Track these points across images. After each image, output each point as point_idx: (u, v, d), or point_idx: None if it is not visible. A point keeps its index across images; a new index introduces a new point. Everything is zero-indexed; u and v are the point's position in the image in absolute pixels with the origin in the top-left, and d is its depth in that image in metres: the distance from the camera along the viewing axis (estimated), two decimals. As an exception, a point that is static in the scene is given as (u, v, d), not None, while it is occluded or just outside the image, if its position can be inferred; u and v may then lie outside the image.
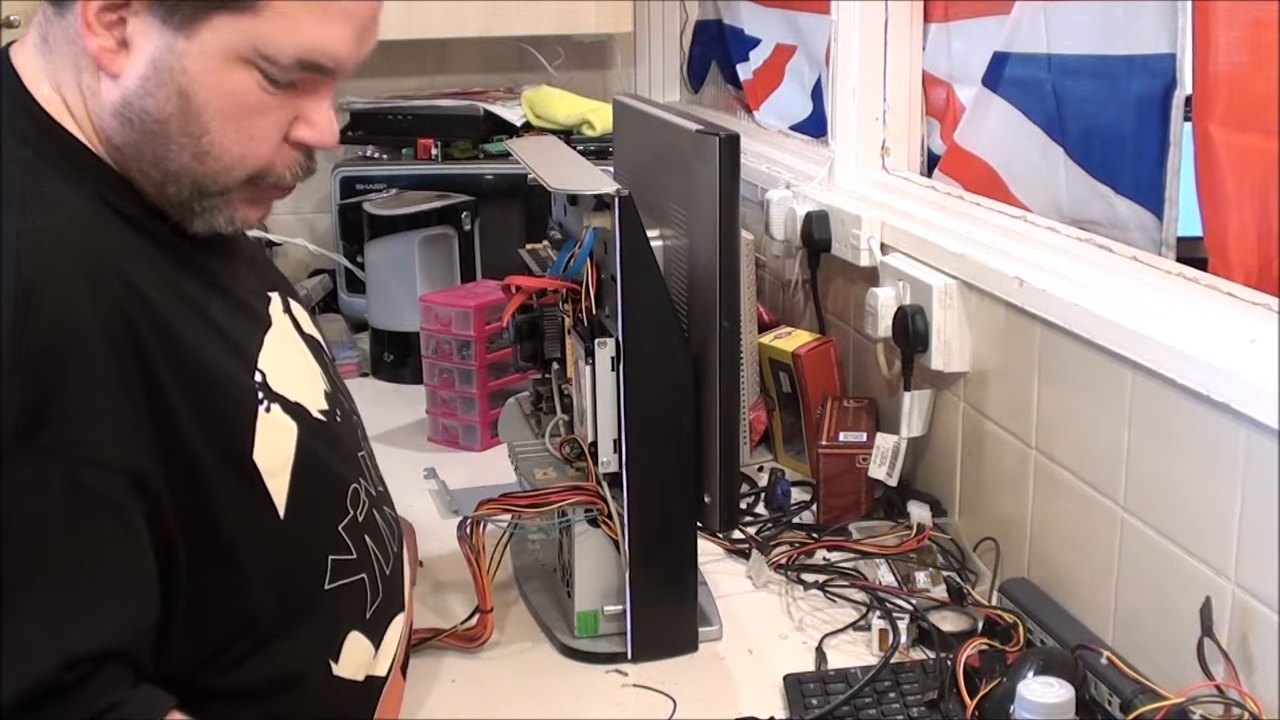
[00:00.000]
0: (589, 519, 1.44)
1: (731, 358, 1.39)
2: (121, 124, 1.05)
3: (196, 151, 1.05)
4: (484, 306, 2.02)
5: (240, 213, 1.12)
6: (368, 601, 1.19)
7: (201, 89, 1.03)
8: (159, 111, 1.04)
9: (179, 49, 1.02)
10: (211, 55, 1.02)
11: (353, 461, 1.22)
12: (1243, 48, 1.37)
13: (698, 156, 1.37)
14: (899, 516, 1.71)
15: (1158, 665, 1.26)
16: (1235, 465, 1.18)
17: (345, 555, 1.16)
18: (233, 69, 1.03)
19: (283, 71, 1.05)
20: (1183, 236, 1.53)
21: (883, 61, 1.97)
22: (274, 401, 1.11)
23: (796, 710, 1.32)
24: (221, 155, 1.06)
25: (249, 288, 1.20)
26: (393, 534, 1.27)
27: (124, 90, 1.04)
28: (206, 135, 1.05)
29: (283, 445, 1.10)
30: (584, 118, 2.65)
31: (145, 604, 1.00)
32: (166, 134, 1.05)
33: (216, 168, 1.07)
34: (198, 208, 1.09)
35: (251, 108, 1.05)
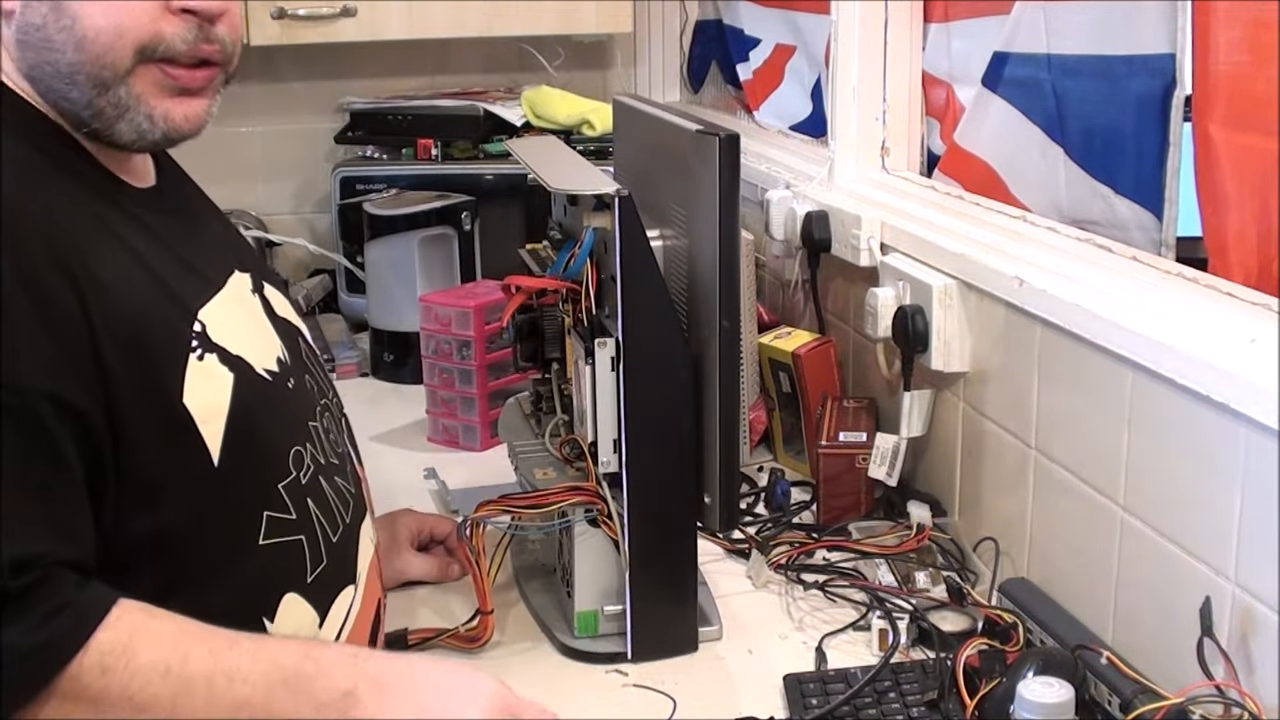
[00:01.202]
0: (589, 519, 1.44)
1: (731, 358, 1.39)
2: (23, 50, 1.11)
3: (76, 41, 1.09)
4: (484, 306, 2.02)
5: (158, 108, 1.14)
6: (307, 565, 1.20)
7: None
8: (37, 18, 1.10)
9: None
10: None
11: (299, 427, 1.24)
12: (1243, 48, 1.37)
13: (698, 156, 1.37)
14: (899, 516, 1.71)
15: (1158, 665, 1.26)
16: (1235, 465, 1.18)
17: (283, 514, 1.18)
18: None
19: None
20: (1183, 236, 1.53)
21: (883, 61, 1.97)
22: (210, 351, 1.14)
23: (796, 710, 1.32)
24: (97, 35, 1.09)
25: (206, 257, 1.23)
26: (346, 506, 1.27)
27: (14, 19, 1.10)
28: (79, 21, 1.09)
29: (216, 393, 1.13)
30: (584, 118, 2.65)
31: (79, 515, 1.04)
32: (49, 38, 1.10)
33: (97, 50, 1.10)
34: (108, 108, 1.11)
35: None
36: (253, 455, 1.16)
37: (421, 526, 1.63)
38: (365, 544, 1.30)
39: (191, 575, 1.11)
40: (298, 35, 2.57)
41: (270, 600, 1.17)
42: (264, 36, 2.55)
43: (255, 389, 1.17)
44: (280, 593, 1.18)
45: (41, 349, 1.01)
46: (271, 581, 1.18)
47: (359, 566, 1.28)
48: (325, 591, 1.22)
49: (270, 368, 1.21)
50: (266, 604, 1.17)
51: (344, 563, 1.26)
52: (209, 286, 1.19)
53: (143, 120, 1.13)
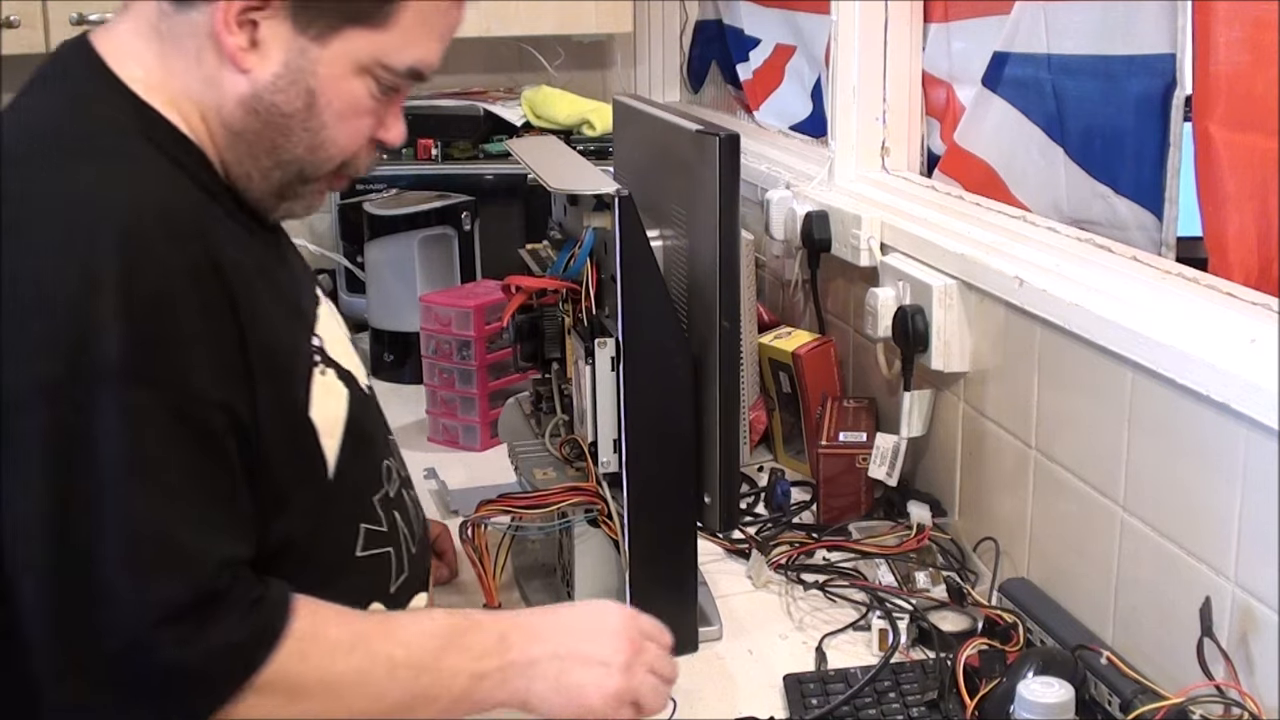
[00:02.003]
0: (589, 519, 1.44)
1: (731, 358, 1.39)
2: (247, 113, 1.14)
3: (312, 144, 1.17)
4: (484, 306, 2.02)
5: (316, 200, 1.24)
6: (393, 575, 1.24)
7: (326, 91, 1.15)
8: (288, 106, 1.14)
9: (312, 55, 1.13)
10: (339, 63, 1.14)
11: (385, 440, 1.31)
12: (1243, 48, 1.37)
13: (698, 156, 1.37)
14: (899, 516, 1.71)
15: (1158, 665, 1.26)
16: (1235, 465, 1.18)
17: (377, 526, 1.23)
18: (354, 76, 1.15)
19: (394, 80, 1.17)
20: (1183, 236, 1.53)
21: (883, 61, 1.97)
22: (329, 366, 1.20)
23: (796, 710, 1.32)
24: (331, 149, 1.18)
25: (302, 272, 1.31)
26: (418, 517, 1.33)
27: (254, 85, 1.13)
28: (324, 130, 1.17)
29: (335, 407, 1.19)
30: (584, 118, 2.65)
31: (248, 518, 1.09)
32: (289, 127, 1.16)
33: (324, 158, 1.19)
34: (290, 193, 1.20)
35: (361, 110, 1.18)
36: (357, 468, 1.21)
37: None
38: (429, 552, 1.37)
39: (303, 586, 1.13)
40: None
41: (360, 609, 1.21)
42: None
43: (360, 403, 1.23)
44: (368, 602, 1.22)
45: (212, 359, 1.05)
46: (363, 592, 1.21)
47: (429, 573, 1.33)
48: (402, 600, 1.26)
49: (365, 381, 1.27)
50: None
51: (419, 571, 1.30)
52: (314, 300, 1.27)
53: (299, 208, 1.23)
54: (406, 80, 1.18)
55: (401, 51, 1.16)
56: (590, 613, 1.25)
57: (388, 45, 1.15)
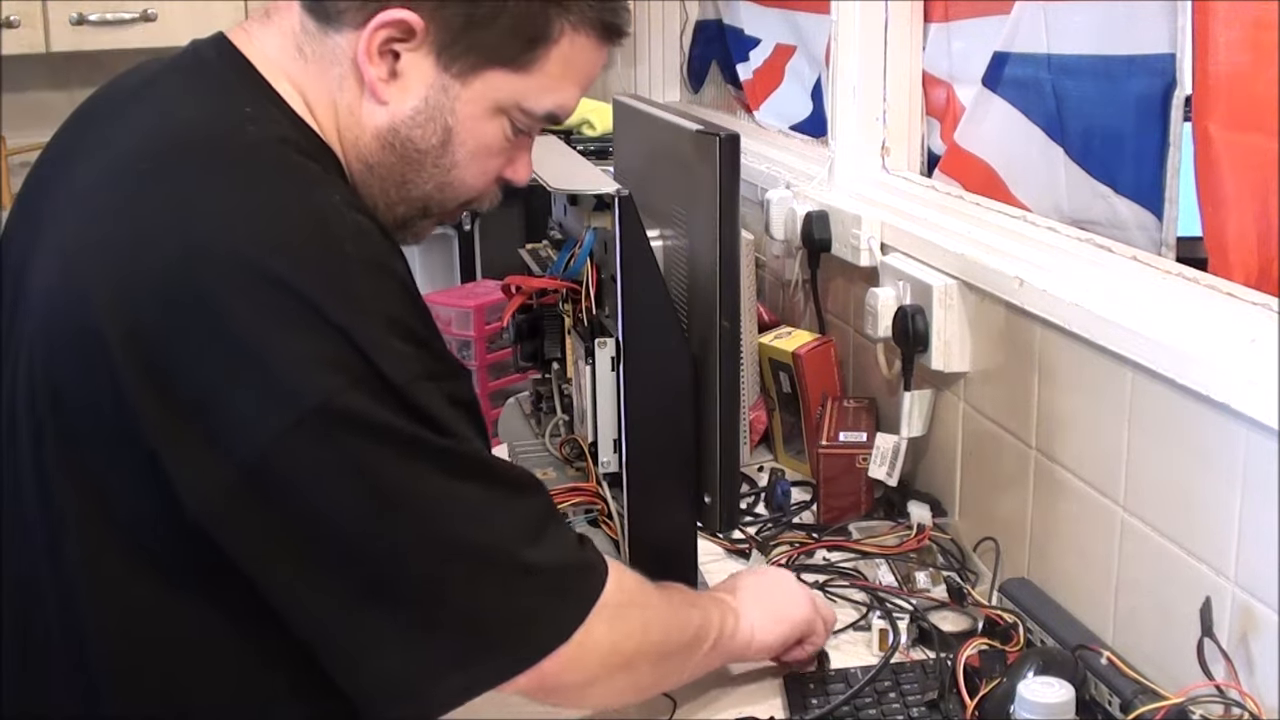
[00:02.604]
0: (589, 519, 1.44)
1: (731, 358, 1.39)
2: (382, 146, 1.13)
3: (441, 182, 1.16)
4: (484, 306, 2.02)
5: (428, 232, 1.23)
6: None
7: (463, 129, 1.14)
8: (423, 143, 1.13)
9: (453, 92, 1.12)
10: (479, 102, 1.13)
11: None
12: (1243, 48, 1.37)
13: (698, 156, 1.37)
14: (899, 516, 1.71)
15: (1158, 665, 1.26)
16: (1235, 465, 1.18)
17: None
18: (492, 116, 1.14)
19: (530, 123, 1.16)
20: (1183, 236, 1.53)
21: (883, 61, 1.97)
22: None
23: (796, 710, 1.32)
24: (460, 187, 1.18)
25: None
26: None
27: (393, 117, 1.12)
28: (455, 169, 1.16)
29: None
30: (584, 118, 2.66)
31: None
32: (422, 163, 1.14)
33: (452, 196, 1.18)
34: (412, 225, 1.20)
35: (494, 150, 1.17)
36: None
37: None
38: None
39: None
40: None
41: None
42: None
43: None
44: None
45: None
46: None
47: None
48: None
49: None
50: None
51: None
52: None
53: (409, 238, 1.21)
54: (542, 123, 1.18)
55: (542, 96, 1.14)
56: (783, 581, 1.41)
57: (529, 89, 1.13)
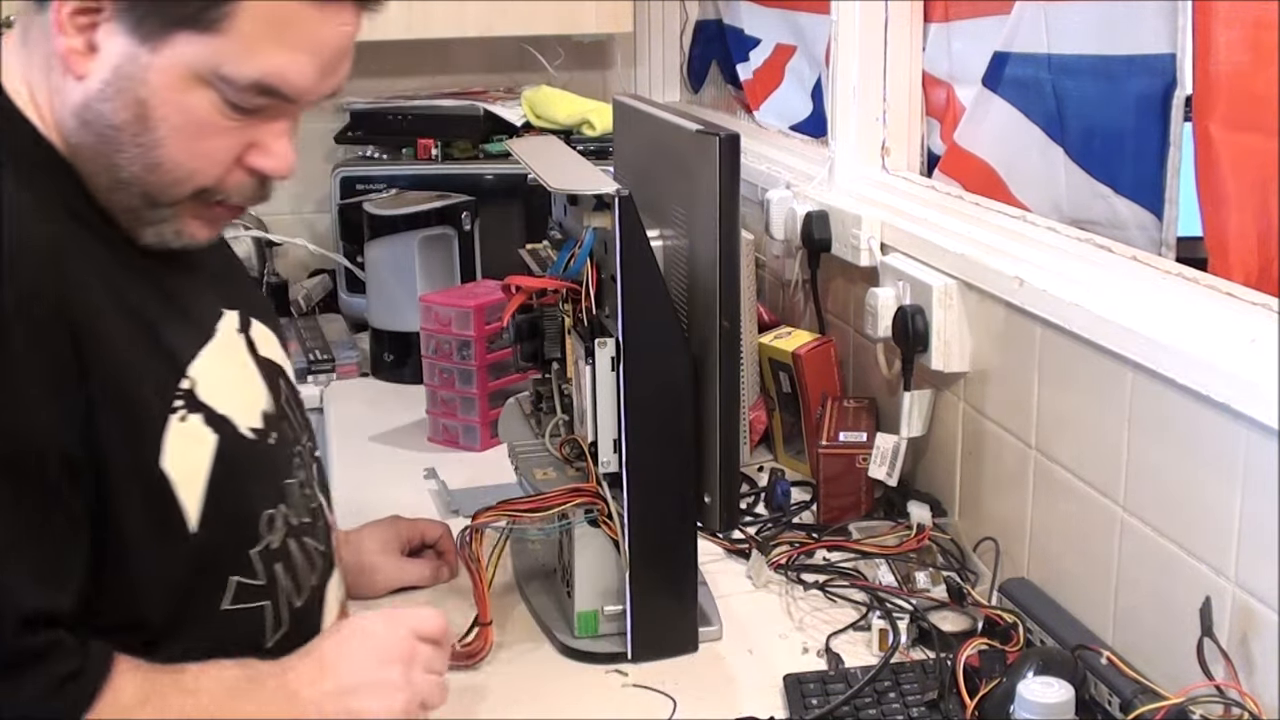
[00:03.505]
0: (589, 519, 1.44)
1: (731, 358, 1.39)
2: (79, 125, 1.07)
3: (147, 162, 1.08)
4: (484, 306, 2.02)
5: (189, 228, 1.14)
6: (267, 630, 1.18)
7: (160, 102, 1.06)
8: (115, 117, 1.06)
9: (143, 61, 1.05)
10: (173, 71, 1.05)
11: (275, 488, 1.21)
12: (1243, 48, 1.37)
13: (698, 156, 1.37)
14: (899, 516, 1.71)
15: (1158, 665, 1.26)
16: (1235, 465, 1.18)
17: (252, 580, 1.16)
18: (192, 87, 1.06)
19: (239, 95, 1.07)
20: (1183, 236, 1.53)
21: (883, 61, 1.97)
22: (195, 411, 1.12)
23: (796, 710, 1.32)
24: (172, 169, 1.08)
25: (199, 301, 1.20)
26: (313, 568, 1.25)
27: (85, 92, 1.06)
28: (159, 148, 1.07)
29: (198, 457, 1.11)
30: (584, 118, 2.65)
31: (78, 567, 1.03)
32: (120, 141, 1.07)
33: (166, 180, 1.09)
34: (147, 217, 1.11)
35: (206, 127, 1.07)
36: (228, 522, 1.13)
37: (412, 532, 1.64)
38: (331, 604, 1.28)
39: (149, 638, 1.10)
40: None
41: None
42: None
43: (237, 450, 1.15)
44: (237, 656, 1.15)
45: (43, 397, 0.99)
46: (229, 646, 1.14)
47: (322, 627, 1.26)
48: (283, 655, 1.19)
49: (255, 425, 1.19)
50: None
51: (307, 627, 1.23)
52: (199, 336, 1.17)
53: (170, 234, 1.13)
54: (258, 96, 1.07)
55: (241, 61, 1.05)
56: (358, 635, 1.19)
57: (224, 53, 1.05)
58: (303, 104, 1.11)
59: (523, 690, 1.41)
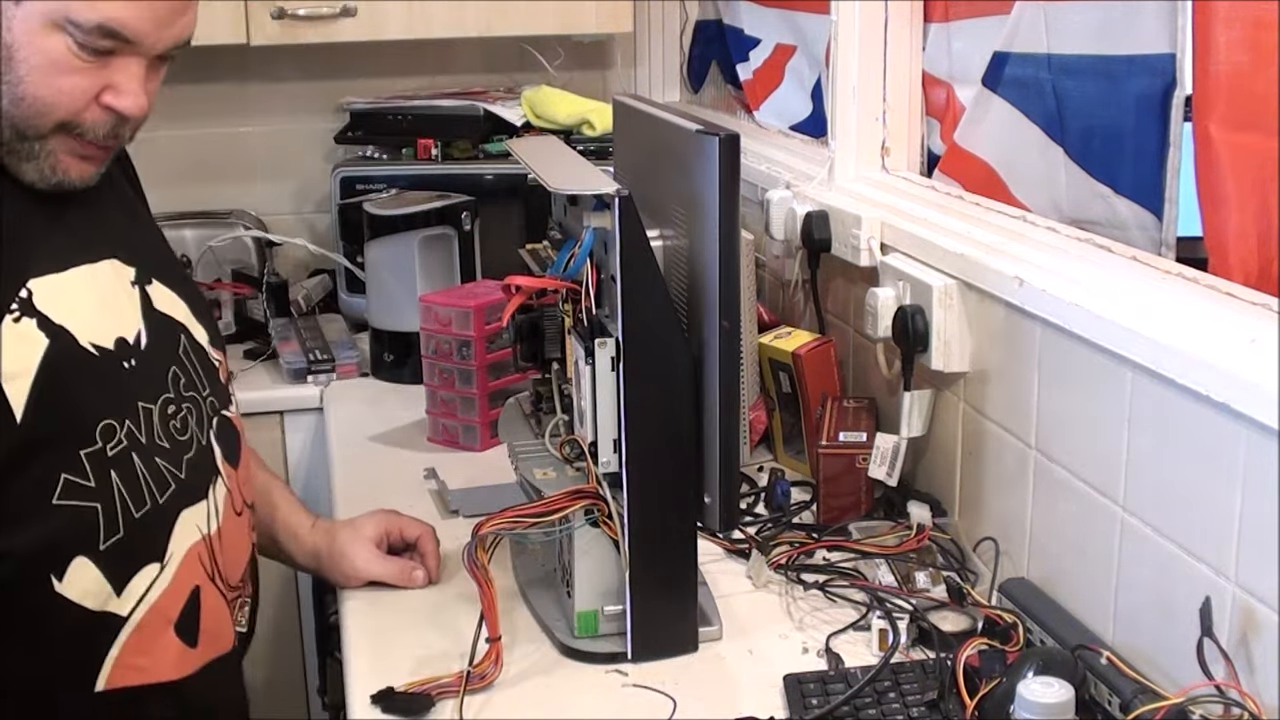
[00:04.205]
0: (589, 520, 1.44)
1: (731, 358, 1.39)
2: None
3: (13, 97, 1.25)
4: (484, 306, 2.02)
5: (63, 163, 1.30)
6: (100, 533, 1.30)
7: (21, 46, 1.24)
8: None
9: (9, 12, 1.24)
10: (32, 19, 1.24)
11: (124, 403, 1.34)
12: (1243, 48, 1.37)
13: (698, 156, 1.37)
14: (899, 516, 1.71)
15: (1158, 665, 1.26)
16: (1235, 465, 1.18)
17: (80, 480, 1.28)
18: (48, 32, 1.24)
19: (87, 37, 1.25)
20: (1183, 236, 1.53)
21: (883, 61, 1.97)
22: (28, 315, 1.26)
23: (796, 710, 1.32)
24: (33, 103, 1.26)
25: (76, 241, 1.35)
26: (164, 488, 1.36)
27: None
28: (21, 84, 1.25)
29: (25, 355, 1.25)
30: (584, 118, 2.65)
31: None
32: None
33: (29, 113, 1.26)
34: (21, 151, 1.28)
35: (62, 66, 1.25)
36: (57, 419, 1.27)
37: (392, 528, 1.65)
38: (187, 529, 1.38)
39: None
40: (298, 35, 2.57)
41: (59, 560, 1.28)
42: (264, 36, 2.55)
43: (73, 358, 1.29)
44: (70, 554, 1.28)
45: None
46: (61, 542, 1.28)
47: (169, 547, 1.36)
48: (121, 563, 1.32)
49: (100, 343, 1.32)
50: (55, 563, 1.28)
51: (147, 540, 1.34)
52: (58, 263, 1.31)
53: (46, 170, 1.30)
54: (103, 39, 1.25)
55: (87, 8, 1.23)
56: None
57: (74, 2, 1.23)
58: (147, 48, 1.28)
59: (522, 690, 1.41)
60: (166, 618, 1.36)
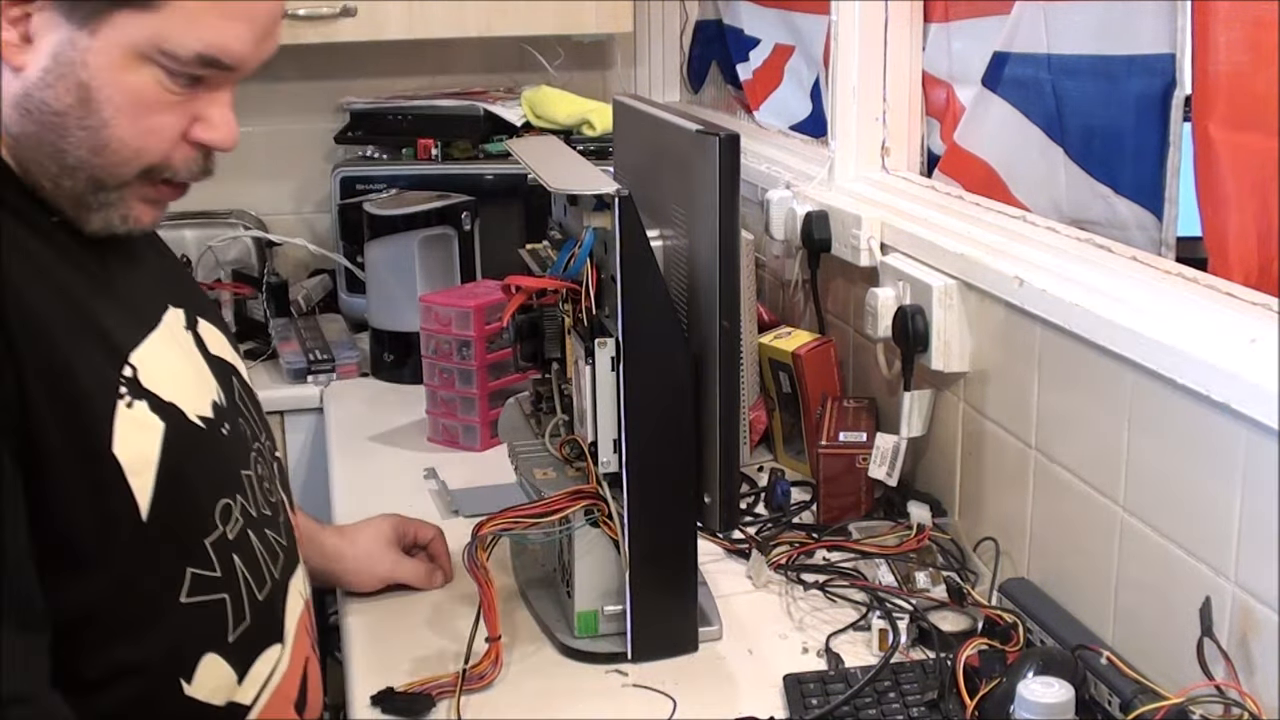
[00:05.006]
0: (589, 520, 1.44)
1: (731, 358, 1.39)
2: (20, 115, 1.07)
3: (94, 145, 1.08)
4: (484, 306, 2.02)
5: (135, 212, 1.14)
6: (229, 624, 1.16)
7: (102, 84, 1.06)
8: (58, 103, 1.06)
9: (81, 44, 1.05)
10: (113, 51, 1.05)
11: (231, 477, 1.20)
12: (1243, 48, 1.37)
13: (698, 156, 1.37)
14: (899, 516, 1.71)
15: (1158, 665, 1.26)
16: (1235, 465, 1.18)
17: (207, 571, 1.14)
18: (134, 65, 1.06)
19: (183, 68, 1.07)
20: (1183, 236, 1.53)
21: (883, 61, 1.97)
22: (140, 398, 1.10)
23: (796, 710, 1.32)
24: (119, 149, 1.09)
25: (140, 293, 1.20)
26: (275, 561, 1.24)
27: (25, 82, 1.06)
28: (105, 129, 1.07)
29: (146, 443, 1.09)
30: (584, 118, 2.66)
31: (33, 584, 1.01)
32: (65, 126, 1.07)
33: (114, 160, 1.09)
34: (93, 203, 1.11)
35: (150, 104, 1.08)
36: (181, 509, 1.12)
37: (405, 530, 1.63)
38: (294, 600, 1.27)
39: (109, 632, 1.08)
40: (298, 35, 2.57)
41: (189, 660, 1.13)
42: (264, 36, 2.55)
43: (187, 437, 1.13)
44: (200, 653, 1.14)
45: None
46: (191, 641, 1.13)
47: (286, 625, 1.24)
48: (247, 651, 1.18)
49: (204, 413, 1.17)
50: (184, 665, 1.13)
51: (270, 621, 1.22)
52: (141, 326, 1.16)
53: (116, 220, 1.13)
54: (202, 68, 1.08)
55: (184, 34, 1.06)
56: None
57: (166, 28, 1.05)
58: (241, 73, 1.12)
59: (522, 690, 1.41)
60: (288, 699, 1.24)
